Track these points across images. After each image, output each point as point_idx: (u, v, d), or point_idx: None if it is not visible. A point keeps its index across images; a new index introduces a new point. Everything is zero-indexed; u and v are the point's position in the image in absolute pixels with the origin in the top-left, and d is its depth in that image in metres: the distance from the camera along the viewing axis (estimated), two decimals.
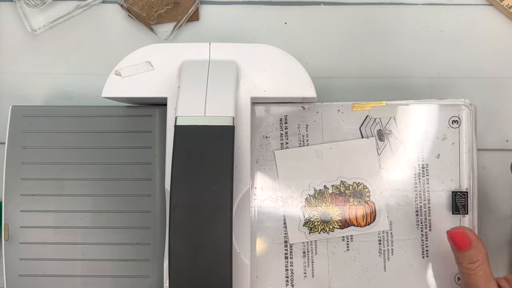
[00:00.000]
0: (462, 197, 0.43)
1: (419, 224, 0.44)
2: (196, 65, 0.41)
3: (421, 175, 0.44)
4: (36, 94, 0.52)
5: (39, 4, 0.51)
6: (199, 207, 0.35)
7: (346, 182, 0.44)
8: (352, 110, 0.44)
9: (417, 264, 0.43)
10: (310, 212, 0.44)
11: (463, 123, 0.44)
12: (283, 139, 0.44)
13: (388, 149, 0.44)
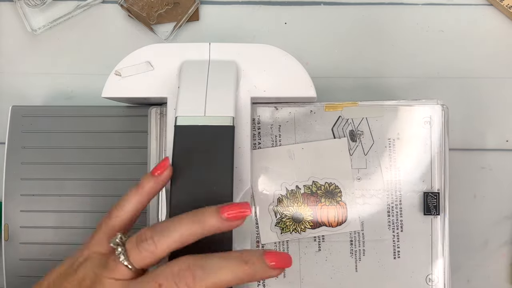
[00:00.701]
0: (433, 198, 0.43)
1: (391, 225, 0.43)
2: (196, 65, 0.41)
3: (392, 175, 0.44)
4: (36, 94, 0.52)
5: (39, 4, 0.51)
6: (199, 207, 0.35)
7: (318, 182, 0.44)
8: (325, 111, 0.44)
9: (389, 264, 0.43)
10: (282, 212, 0.44)
11: (435, 123, 0.44)
12: (256, 139, 0.44)
13: (360, 150, 0.44)
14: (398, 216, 0.43)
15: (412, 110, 0.44)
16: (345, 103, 0.44)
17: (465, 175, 0.51)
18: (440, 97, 0.51)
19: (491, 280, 0.50)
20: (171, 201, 0.36)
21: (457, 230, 0.50)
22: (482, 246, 0.50)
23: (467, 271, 0.50)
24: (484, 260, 0.50)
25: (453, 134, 0.51)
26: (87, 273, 0.33)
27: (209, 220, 0.32)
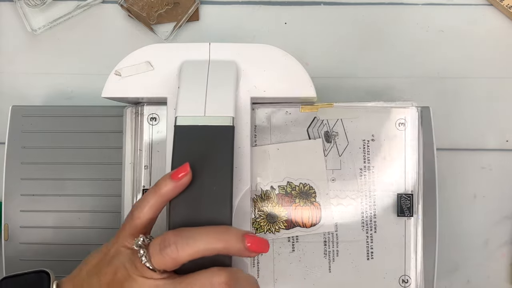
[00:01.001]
0: (407, 200, 0.43)
1: (364, 226, 0.43)
2: (196, 65, 0.41)
3: (367, 176, 0.44)
4: (36, 94, 0.52)
5: (39, 4, 0.51)
6: (199, 207, 0.35)
7: (292, 183, 0.44)
8: (300, 112, 0.44)
9: (362, 265, 0.43)
10: (257, 213, 0.44)
11: (409, 125, 0.44)
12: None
13: (335, 151, 0.44)
14: (372, 217, 0.43)
15: (387, 112, 0.44)
16: (321, 104, 0.44)
17: (465, 175, 0.51)
18: (440, 96, 0.51)
19: (491, 280, 0.50)
20: (171, 201, 0.36)
21: (457, 230, 0.50)
22: (482, 246, 0.50)
23: (467, 271, 0.50)
24: (484, 260, 0.50)
25: (453, 134, 0.51)
26: (119, 266, 0.34)
27: (234, 243, 0.33)
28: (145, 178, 0.44)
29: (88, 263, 0.36)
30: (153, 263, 0.33)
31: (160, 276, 0.34)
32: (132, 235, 0.35)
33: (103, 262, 0.35)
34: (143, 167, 0.44)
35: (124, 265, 0.34)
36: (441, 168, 0.50)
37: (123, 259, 0.34)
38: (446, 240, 0.50)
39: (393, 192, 0.43)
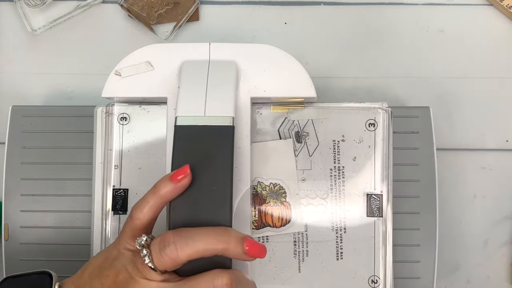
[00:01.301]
0: (376, 200, 0.43)
1: (334, 226, 0.43)
2: (196, 65, 0.41)
3: (337, 177, 0.44)
4: (36, 94, 0.52)
5: (39, 4, 0.51)
6: (199, 207, 0.35)
7: (263, 182, 0.44)
8: (272, 112, 0.44)
9: (332, 265, 0.43)
10: None
11: (379, 126, 0.44)
12: None
13: (305, 151, 0.44)
14: (341, 218, 0.43)
15: (357, 112, 0.44)
16: (292, 105, 0.44)
17: (465, 175, 0.51)
18: (440, 97, 0.51)
19: (491, 280, 0.50)
20: (171, 201, 0.36)
21: (457, 230, 0.50)
22: (482, 246, 0.50)
23: (467, 271, 0.50)
24: (484, 260, 0.50)
25: (453, 134, 0.51)
26: (121, 268, 0.34)
27: (234, 246, 0.33)
28: (115, 178, 0.44)
29: (90, 265, 0.36)
30: (155, 263, 0.33)
31: (161, 278, 0.34)
32: (133, 236, 0.35)
33: (104, 265, 0.35)
34: (113, 167, 0.44)
35: (125, 268, 0.34)
36: (441, 168, 0.50)
37: (124, 261, 0.35)
38: (446, 240, 0.50)
39: (362, 192, 0.43)
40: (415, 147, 0.45)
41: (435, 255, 0.44)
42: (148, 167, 0.44)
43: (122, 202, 0.44)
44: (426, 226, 0.45)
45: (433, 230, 0.45)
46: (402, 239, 0.45)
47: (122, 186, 0.44)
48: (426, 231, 0.45)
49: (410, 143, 0.45)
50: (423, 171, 0.45)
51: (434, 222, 0.45)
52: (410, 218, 0.45)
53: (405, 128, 0.45)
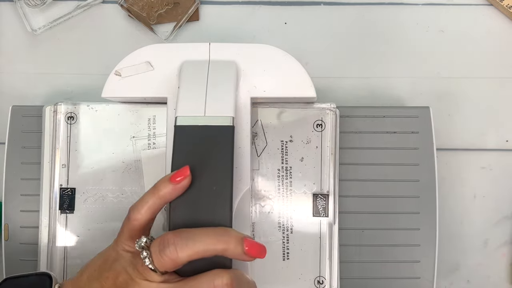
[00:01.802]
0: (322, 200, 0.43)
1: (281, 226, 0.44)
2: (196, 65, 0.41)
3: (284, 177, 0.44)
4: (36, 94, 0.52)
5: (39, 4, 0.51)
6: (199, 207, 0.35)
7: None
8: None
9: (278, 266, 0.43)
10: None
11: (327, 127, 0.44)
12: (151, 140, 0.44)
13: (254, 151, 0.44)
14: (288, 218, 0.43)
15: (305, 113, 0.44)
16: None
17: (465, 175, 0.51)
18: (440, 97, 0.51)
19: (491, 280, 0.50)
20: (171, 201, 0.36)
21: (457, 230, 0.50)
22: (482, 246, 0.50)
23: (467, 271, 0.50)
24: (484, 260, 0.50)
25: (453, 134, 0.51)
26: (120, 270, 0.34)
27: (234, 246, 0.33)
28: (62, 177, 0.44)
29: (89, 267, 0.36)
30: (155, 264, 0.33)
31: (161, 278, 0.34)
32: (131, 237, 0.35)
33: (104, 267, 0.35)
34: (60, 166, 0.44)
35: (125, 270, 0.34)
36: (441, 168, 0.50)
37: (124, 263, 0.34)
38: (446, 240, 0.50)
39: (309, 192, 0.43)
40: (415, 147, 0.45)
41: (435, 255, 0.44)
42: (95, 166, 0.44)
43: (69, 201, 0.44)
44: (426, 226, 0.45)
45: (433, 230, 0.45)
46: (402, 239, 0.45)
47: (69, 185, 0.44)
48: (426, 231, 0.45)
49: (410, 143, 0.45)
50: (423, 171, 0.45)
51: (434, 222, 0.45)
52: (410, 218, 0.45)
53: (405, 128, 0.45)
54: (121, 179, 0.44)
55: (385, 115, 0.46)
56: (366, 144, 0.45)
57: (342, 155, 0.45)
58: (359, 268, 0.44)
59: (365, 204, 0.45)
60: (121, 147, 0.44)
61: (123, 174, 0.44)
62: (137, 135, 0.44)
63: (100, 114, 0.45)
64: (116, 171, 0.44)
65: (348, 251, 0.45)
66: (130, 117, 0.45)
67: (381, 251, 0.45)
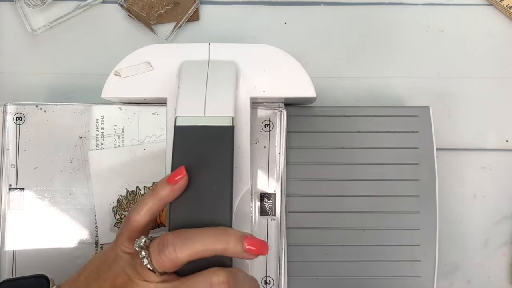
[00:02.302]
0: (269, 200, 0.43)
1: None
2: (195, 66, 0.41)
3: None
4: (36, 94, 0.52)
5: (39, 4, 0.51)
6: (200, 207, 0.35)
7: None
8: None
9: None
10: (121, 213, 0.44)
11: (275, 127, 0.44)
12: (99, 140, 0.44)
13: None
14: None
15: (253, 113, 0.44)
16: None
17: (465, 175, 0.51)
18: (440, 97, 0.51)
19: (491, 280, 0.50)
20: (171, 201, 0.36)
21: (457, 230, 0.50)
22: (482, 246, 0.50)
23: (467, 271, 0.50)
24: (484, 260, 0.50)
25: (453, 134, 0.51)
26: (119, 272, 0.34)
27: (234, 245, 0.33)
28: (12, 177, 0.44)
29: (87, 268, 0.36)
30: (154, 264, 0.33)
31: (160, 279, 0.33)
32: (131, 239, 0.35)
33: (102, 268, 0.35)
34: (10, 166, 0.44)
35: (124, 270, 0.34)
36: (441, 168, 0.50)
37: (122, 264, 0.34)
38: (446, 240, 0.50)
39: (257, 192, 0.44)
40: (415, 146, 0.45)
41: (435, 254, 0.44)
42: (44, 166, 0.44)
43: (18, 201, 0.44)
44: (426, 226, 0.45)
45: (433, 230, 0.45)
46: (403, 239, 0.45)
47: (18, 185, 0.44)
48: (426, 231, 0.45)
49: (410, 143, 0.45)
50: (423, 171, 0.45)
51: (434, 221, 0.45)
52: (410, 218, 0.45)
53: (405, 127, 0.45)
54: (69, 179, 0.44)
55: (385, 115, 0.46)
56: (366, 144, 0.45)
57: (342, 155, 0.45)
58: (359, 267, 0.44)
59: (365, 203, 0.45)
60: (69, 147, 0.44)
61: (71, 174, 0.44)
62: (85, 136, 0.44)
63: (49, 115, 0.45)
64: (64, 171, 0.44)
65: (348, 251, 0.45)
66: (78, 118, 0.45)
67: (381, 251, 0.45)
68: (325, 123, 0.46)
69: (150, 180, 0.44)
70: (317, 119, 0.46)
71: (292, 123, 0.45)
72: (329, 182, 0.45)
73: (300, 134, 0.45)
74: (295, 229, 0.45)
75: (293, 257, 0.44)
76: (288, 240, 0.44)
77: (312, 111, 0.46)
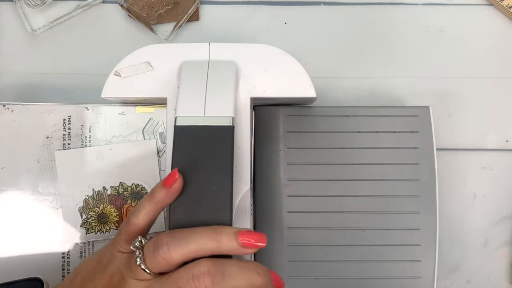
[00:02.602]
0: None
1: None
2: (195, 65, 0.41)
3: None
4: (36, 94, 0.52)
5: (39, 4, 0.51)
6: (199, 207, 0.35)
7: (125, 183, 0.44)
8: (136, 112, 0.44)
9: None
10: (88, 213, 0.44)
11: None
12: (66, 140, 0.44)
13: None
14: None
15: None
16: (157, 105, 0.44)
17: (465, 175, 0.51)
18: (440, 97, 0.51)
19: (491, 280, 0.50)
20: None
21: (457, 230, 0.50)
22: (482, 246, 0.50)
23: (467, 271, 0.50)
24: (484, 260, 0.50)
25: (453, 134, 0.51)
26: (114, 271, 0.34)
27: (227, 242, 0.33)
28: None
29: (82, 269, 0.36)
30: (147, 264, 0.33)
31: (152, 277, 0.33)
32: (128, 241, 0.35)
33: (97, 268, 0.35)
34: None
35: (119, 270, 0.34)
36: (441, 168, 0.50)
37: (118, 264, 0.34)
38: (446, 240, 0.50)
39: None
40: (415, 146, 0.45)
41: (435, 254, 0.44)
42: (11, 166, 0.44)
43: None
44: (426, 226, 0.45)
45: (433, 230, 0.45)
46: (402, 239, 0.45)
47: None
48: (426, 231, 0.45)
49: (410, 143, 0.45)
50: (423, 171, 0.45)
51: (434, 221, 0.45)
52: (410, 218, 0.45)
53: (405, 127, 0.45)
54: (36, 179, 0.44)
55: (385, 115, 0.46)
56: (366, 144, 0.45)
57: (342, 155, 0.45)
58: (359, 268, 0.44)
59: (365, 203, 0.45)
60: (36, 147, 0.44)
61: (38, 174, 0.44)
62: (52, 135, 0.45)
63: (16, 115, 0.45)
64: (30, 171, 0.44)
65: (348, 251, 0.45)
66: (45, 117, 0.45)
67: (381, 251, 0.45)
68: (325, 123, 0.46)
69: (117, 180, 0.44)
70: (317, 119, 0.46)
71: (292, 123, 0.45)
72: (328, 182, 0.45)
73: (300, 134, 0.45)
74: (294, 229, 0.45)
75: (293, 257, 0.44)
76: (288, 240, 0.44)
77: (312, 111, 0.46)
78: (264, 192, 0.45)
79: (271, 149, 0.45)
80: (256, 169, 0.45)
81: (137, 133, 0.44)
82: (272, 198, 0.45)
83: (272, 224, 0.44)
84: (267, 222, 0.44)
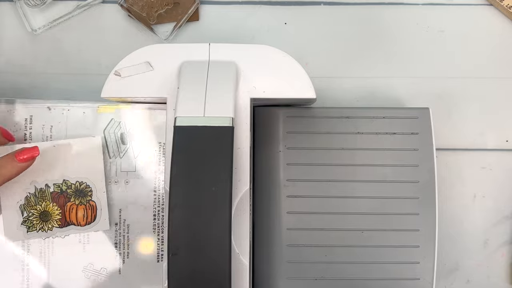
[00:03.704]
0: None
1: (156, 228, 0.44)
2: (195, 66, 0.41)
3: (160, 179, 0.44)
4: (36, 94, 0.52)
5: (39, 4, 0.51)
6: (198, 207, 0.35)
7: (69, 181, 0.44)
8: (98, 112, 0.45)
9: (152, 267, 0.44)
10: (30, 211, 0.44)
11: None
12: (27, 140, 0.44)
13: (131, 152, 0.44)
14: (163, 220, 0.44)
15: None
16: (119, 105, 0.44)
17: (465, 175, 0.51)
18: (440, 97, 0.51)
19: (491, 280, 0.50)
20: (170, 202, 0.36)
21: (457, 230, 0.50)
22: (482, 246, 0.50)
23: (467, 271, 0.50)
24: (484, 260, 0.50)
25: (453, 134, 0.51)
26: None
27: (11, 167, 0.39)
28: None
29: None
30: None
31: None
32: None
33: None
34: None
35: None
36: (441, 168, 0.50)
37: None
38: (446, 240, 0.50)
39: None
40: (414, 148, 0.45)
41: (434, 256, 0.44)
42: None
43: None
44: (425, 228, 0.45)
45: (433, 232, 0.44)
46: (402, 240, 0.45)
47: None
48: (426, 233, 0.45)
49: (409, 144, 0.45)
50: (422, 172, 0.45)
51: (434, 223, 0.45)
52: (410, 220, 0.45)
53: (405, 129, 0.45)
54: None
55: (385, 116, 0.46)
56: (365, 145, 0.45)
57: (342, 156, 0.45)
58: (358, 269, 0.45)
59: (365, 205, 0.45)
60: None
61: None
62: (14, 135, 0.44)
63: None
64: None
65: (347, 252, 0.45)
66: (6, 117, 0.45)
67: (380, 252, 0.45)
68: (324, 124, 0.46)
69: (60, 177, 0.44)
70: (317, 120, 0.46)
71: (292, 124, 0.46)
72: (328, 183, 0.45)
73: (299, 135, 0.45)
74: (294, 230, 0.45)
75: (292, 258, 0.44)
76: (287, 241, 0.44)
77: (312, 112, 0.46)
78: (264, 192, 0.45)
79: (271, 150, 0.45)
80: (255, 170, 0.45)
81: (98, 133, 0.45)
82: (272, 199, 0.45)
83: (271, 224, 0.44)
84: (266, 223, 0.44)
